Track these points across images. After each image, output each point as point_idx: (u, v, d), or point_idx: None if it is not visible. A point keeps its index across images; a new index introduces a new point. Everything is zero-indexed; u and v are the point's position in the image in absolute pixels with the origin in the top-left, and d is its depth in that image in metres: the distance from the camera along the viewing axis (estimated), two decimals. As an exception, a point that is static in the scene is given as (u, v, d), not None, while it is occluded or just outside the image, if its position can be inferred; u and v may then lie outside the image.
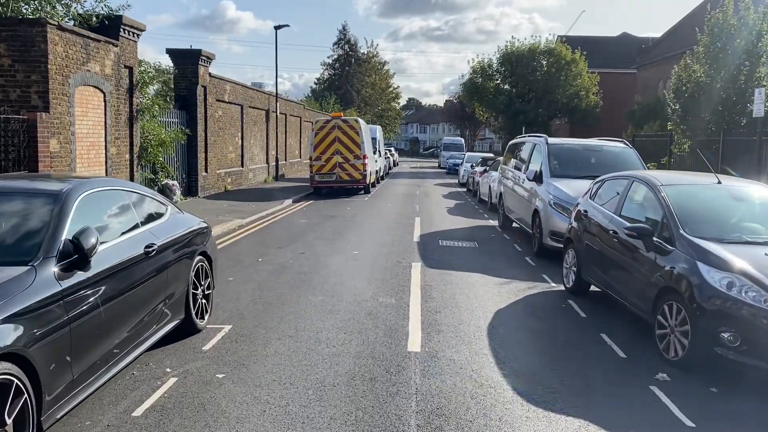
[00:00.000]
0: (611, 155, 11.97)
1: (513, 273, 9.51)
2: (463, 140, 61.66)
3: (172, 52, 20.00)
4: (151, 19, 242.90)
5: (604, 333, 6.55)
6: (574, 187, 10.74)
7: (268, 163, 29.43)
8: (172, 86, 20.13)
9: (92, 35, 13.41)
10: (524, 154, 13.52)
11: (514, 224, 14.13)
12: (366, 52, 68.60)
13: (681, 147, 18.74)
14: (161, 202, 6.11)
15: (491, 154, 34.40)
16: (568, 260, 8.48)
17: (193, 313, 6.11)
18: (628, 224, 6.66)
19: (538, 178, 11.55)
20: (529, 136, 13.98)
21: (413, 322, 6.65)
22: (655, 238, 6.18)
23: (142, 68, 16.48)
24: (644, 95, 34.14)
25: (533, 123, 45.61)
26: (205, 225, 6.78)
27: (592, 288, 8.07)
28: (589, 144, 12.28)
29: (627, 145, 12.27)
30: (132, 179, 15.63)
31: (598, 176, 11.17)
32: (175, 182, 18.31)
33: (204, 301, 6.42)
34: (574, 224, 8.45)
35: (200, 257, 6.37)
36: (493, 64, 48.96)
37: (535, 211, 11.24)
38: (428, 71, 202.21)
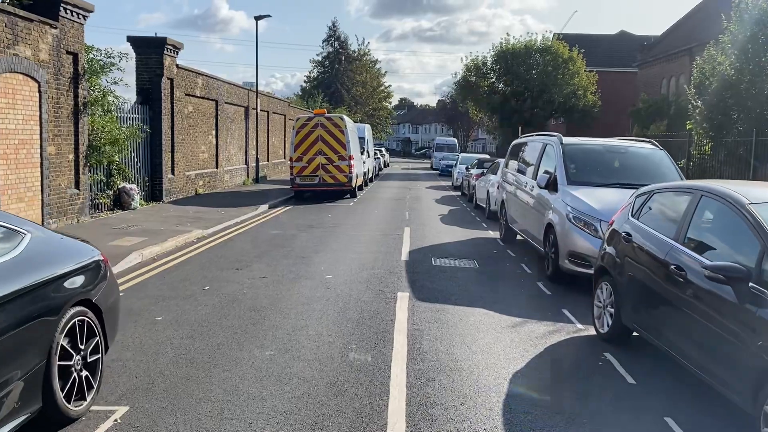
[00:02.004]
0: (639, 158, 10.00)
1: (525, 308, 7.48)
2: (456, 141, 59.68)
3: (133, 40, 17.89)
4: (144, 18, 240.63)
5: (669, 417, 4.53)
6: (598, 198, 8.77)
7: (247, 164, 27.32)
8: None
9: (21, 13, 11.30)
10: (531, 156, 11.52)
11: (518, 236, 12.15)
12: (357, 50, 66.56)
13: (701, 149, 16.80)
14: (11, 228, 4.04)
15: (487, 156, 32.45)
16: (601, 297, 6.46)
17: (61, 395, 4.02)
18: (708, 262, 4.61)
19: (551, 185, 9.54)
20: (536, 135, 11.98)
21: (395, 402, 4.58)
22: (752, 284, 4.16)
23: (92, 55, 14.36)
24: (647, 94, 32.26)
25: (529, 123, 43.78)
26: (94, 259, 4.70)
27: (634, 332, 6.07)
28: (611, 145, 10.27)
29: (656, 146, 10.28)
30: (78, 183, 13.53)
31: (624, 184, 9.27)
32: (134, 186, 16.21)
33: (86, 373, 4.35)
34: (609, 249, 6.43)
35: (79, 309, 4.29)
36: (488, 62, 47.13)
37: (549, 226, 9.22)
38: (420, 72, 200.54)
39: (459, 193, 25.76)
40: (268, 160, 31.42)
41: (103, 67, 14.32)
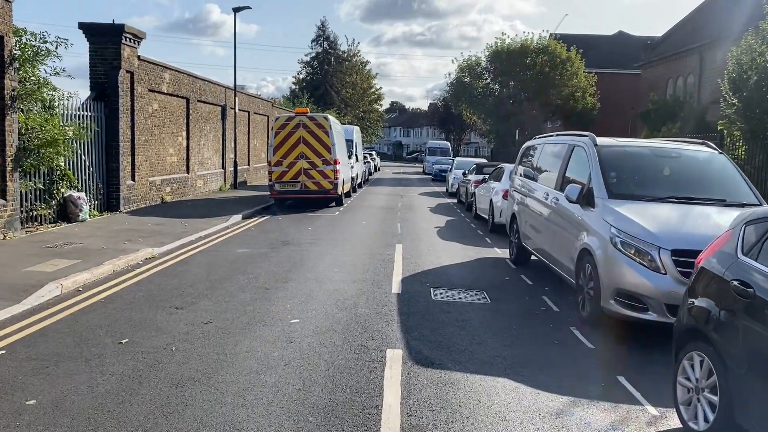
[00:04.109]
0: (696, 165, 7.88)
1: (566, 374, 5.32)
2: (449, 144, 57.63)
3: (86, 28, 15.58)
4: (135, 22, 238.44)
5: None
6: (651, 216, 6.64)
7: (224, 168, 25.06)
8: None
9: None
10: (552, 161, 9.40)
11: (533, 256, 10.04)
12: (346, 51, 64.26)
13: (734, 152, 14.75)
14: None
15: (484, 160, 30.37)
16: (691, 374, 4.31)
17: None
18: None
19: (585, 199, 7.40)
20: (557, 135, 9.84)
21: None
22: None
23: (25, 40, 12.09)
24: (655, 94, 30.29)
25: (525, 125, 41.90)
26: None
27: None
28: (660, 147, 8.10)
29: (714, 149, 8.17)
30: (4, 192, 11.28)
31: (681, 198, 7.12)
32: (82, 194, 13.95)
33: None
34: (701, 302, 4.29)
35: None
36: (482, 63, 45.18)
37: (584, 253, 7.07)
38: (411, 76, 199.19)
39: (455, 201, 23.66)
40: (248, 164, 29.18)
41: (38, 54, 12.05)
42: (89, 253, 10.10)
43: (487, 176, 17.76)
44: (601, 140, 8.04)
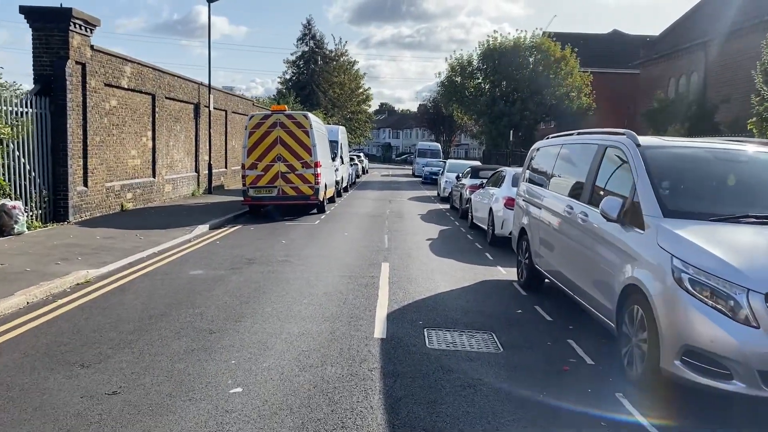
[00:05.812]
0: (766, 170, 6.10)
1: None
2: (439, 146, 55.87)
3: (28, 12, 13.61)
4: (122, 23, 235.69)
5: None
6: (729, 243, 4.85)
7: (198, 171, 23.09)
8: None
9: None
10: (572, 166, 7.60)
11: (547, 279, 8.24)
12: (334, 50, 62.28)
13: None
14: None
15: (478, 162, 28.62)
16: None
17: None
18: None
19: (628, 217, 5.58)
20: (579, 133, 8.00)
21: None
22: None
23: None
24: (662, 93, 28.66)
25: (519, 126, 40.30)
26: None
27: None
28: (721, 150, 6.28)
29: (787, 150, 6.40)
30: None
31: (762, 217, 5.37)
32: (18, 203, 12.01)
33: None
34: None
35: None
36: (474, 61, 43.50)
37: (631, 290, 5.24)
38: (400, 78, 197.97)
39: (448, 207, 21.86)
40: (226, 167, 27.23)
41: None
42: (4, 279, 8.19)
43: (484, 181, 15.98)
44: (644, 140, 6.23)
